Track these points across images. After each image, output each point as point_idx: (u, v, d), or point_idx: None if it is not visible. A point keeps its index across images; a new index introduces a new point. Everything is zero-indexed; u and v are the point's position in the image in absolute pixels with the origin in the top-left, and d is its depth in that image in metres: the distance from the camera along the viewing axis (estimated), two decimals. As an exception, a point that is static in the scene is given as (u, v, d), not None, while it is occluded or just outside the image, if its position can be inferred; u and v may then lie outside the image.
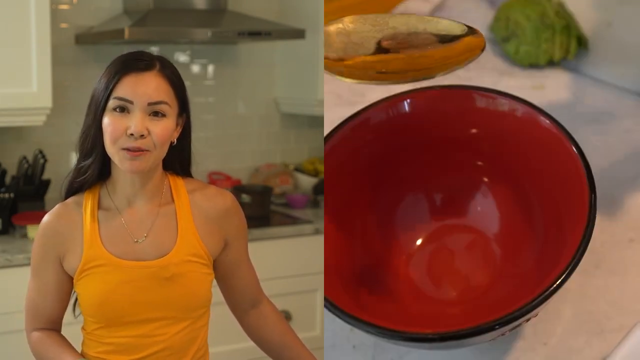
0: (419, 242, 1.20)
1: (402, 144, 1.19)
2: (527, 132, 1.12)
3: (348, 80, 0.99)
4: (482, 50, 0.99)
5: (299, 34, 2.25)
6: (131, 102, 1.01)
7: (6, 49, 1.98)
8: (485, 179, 1.20)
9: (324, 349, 1.15)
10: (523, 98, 1.13)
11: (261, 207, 2.33)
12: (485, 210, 1.20)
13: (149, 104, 1.01)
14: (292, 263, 2.21)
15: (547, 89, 1.51)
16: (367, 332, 0.95)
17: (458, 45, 1.00)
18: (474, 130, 1.18)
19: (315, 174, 2.55)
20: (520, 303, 0.93)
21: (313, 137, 2.68)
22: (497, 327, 0.92)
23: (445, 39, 1.01)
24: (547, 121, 1.10)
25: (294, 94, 2.52)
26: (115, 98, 1.01)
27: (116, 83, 1.01)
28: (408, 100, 1.18)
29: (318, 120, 2.60)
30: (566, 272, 0.94)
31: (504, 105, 1.14)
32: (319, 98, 2.34)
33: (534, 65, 1.54)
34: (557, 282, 0.93)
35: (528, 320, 0.97)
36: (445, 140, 1.20)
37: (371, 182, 1.09)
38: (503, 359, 1.11)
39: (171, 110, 1.03)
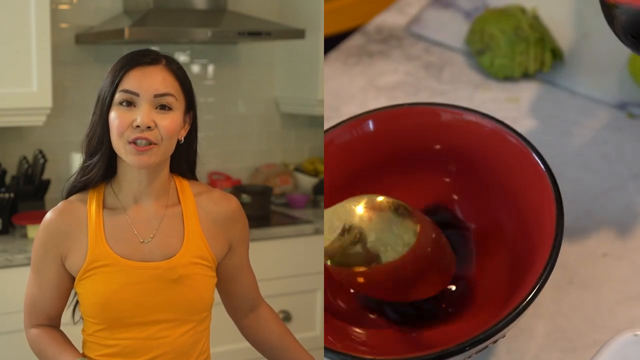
0: None
1: (368, 164, 1.18)
2: (494, 148, 1.12)
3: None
4: None
5: (299, 34, 2.25)
6: (137, 95, 1.00)
7: (6, 48, 1.98)
8: (455, 197, 1.20)
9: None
10: (489, 114, 1.13)
11: (261, 207, 2.32)
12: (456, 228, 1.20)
13: (155, 96, 1.01)
14: (292, 263, 2.21)
15: (522, 102, 1.50)
16: (330, 358, 0.95)
17: None
18: (439, 147, 1.17)
19: (315, 174, 2.55)
20: (490, 323, 0.93)
21: (313, 137, 2.68)
22: (467, 348, 0.91)
23: None
24: (514, 137, 1.09)
25: (294, 94, 2.52)
26: (121, 91, 1.01)
27: (122, 77, 1.01)
28: (372, 120, 1.16)
29: (318, 120, 2.60)
30: (532, 294, 0.93)
31: (470, 121, 1.13)
32: (319, 98, 2.34)
33: (509, 78, 1.54)
34: (523, 304, 0.93)
35: (495, 342, 0.96)
36: (412, 158, 1.19)
37: (340, 201, 1.09)
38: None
39: (178, 103, 1.03)
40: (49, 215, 1.06)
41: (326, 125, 1.21)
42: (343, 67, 1.60)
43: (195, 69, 2.49)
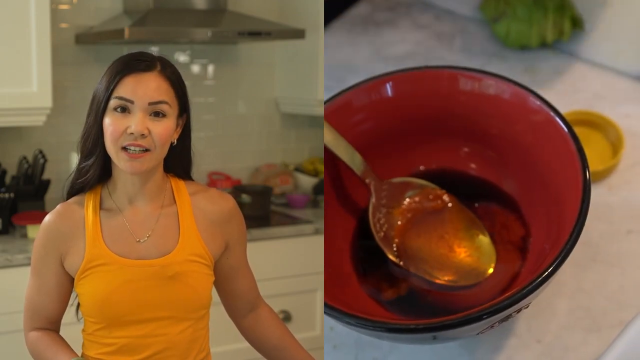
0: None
1: (386, 128, 1.14)
2: (516, 114, 1.07)
3: None
4: None
5: (299, 34, 2.25)
6: (132, 102, 1.01)
7: (6, 48, 1.98)
8: (473, 166, 1.16)
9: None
10: (511, 78, 1.08)
11: (261, 207, 2.33)
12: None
13: (150, 104, 1.02)
14: (292, 263, 2.21)
15: (539, 73, 1.42)
16: (347, 323, 0.92)
17: None
18: (459, 114, 1.12)
19: (315, 174, 2.55)
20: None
21: (313, 137, 2.68)
22: (484, 317, 0.87)
23: None
24: (537, 102, 1.04)
25: (294, 94, 2.52)
26: (116, 98, 1.02)
27: (117, 83, 1.02)
28: (390, 83, 1.12)
29: (318, 120, 2.60)
30: (555, 263, 0.88)
31: (491, 86, 1.09)
32: (319, 98, 2.34)
33: (525, 48, 1.44)
34: (545, 274, 0.88)
35: (519, 311, 0.92)
36: (430, 126, 1.14)
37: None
38: (494, 357, 1.07)
39: (171, 110, 1.04)
40: (47, 217, 1.08)
41: (326, 97, 1.16)
42: (347, 36, 1.50)
43: (195, 69, 2.49)
